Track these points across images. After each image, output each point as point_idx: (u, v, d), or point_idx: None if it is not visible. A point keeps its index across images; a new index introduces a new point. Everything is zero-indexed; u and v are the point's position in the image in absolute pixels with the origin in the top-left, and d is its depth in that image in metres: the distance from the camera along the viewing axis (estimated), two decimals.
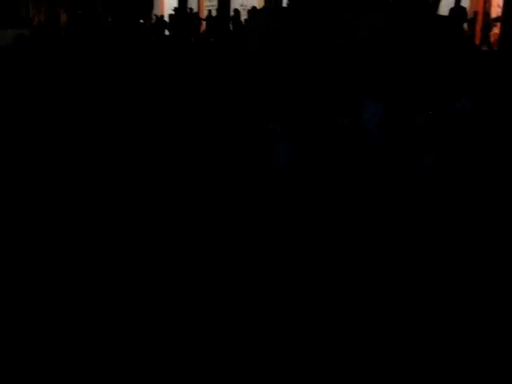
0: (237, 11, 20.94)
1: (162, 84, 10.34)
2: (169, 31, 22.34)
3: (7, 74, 16.03)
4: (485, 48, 18.43)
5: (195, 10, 25.67)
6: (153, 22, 22.94)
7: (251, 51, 13.45)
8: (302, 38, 11.14)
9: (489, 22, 19.93)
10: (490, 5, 21.02)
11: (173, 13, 23.25)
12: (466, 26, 18.12)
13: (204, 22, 23.42)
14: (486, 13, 20.71)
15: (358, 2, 11.47)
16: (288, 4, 16.27)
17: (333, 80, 8.70)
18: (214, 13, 23.34)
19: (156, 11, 24.03)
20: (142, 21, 21.79)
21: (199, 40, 21.44)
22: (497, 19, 18.76)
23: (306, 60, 9.98)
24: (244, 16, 19.85)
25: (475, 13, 20.16)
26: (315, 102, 7.74)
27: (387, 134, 6.54)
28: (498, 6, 19.73)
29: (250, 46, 14.27)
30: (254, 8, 19.33)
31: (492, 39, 19.27)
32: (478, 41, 19.42)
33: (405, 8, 10.85)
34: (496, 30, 18.70)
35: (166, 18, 22.75)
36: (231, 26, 21.29)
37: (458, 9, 17.61)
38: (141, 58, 14.52)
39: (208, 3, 27.39)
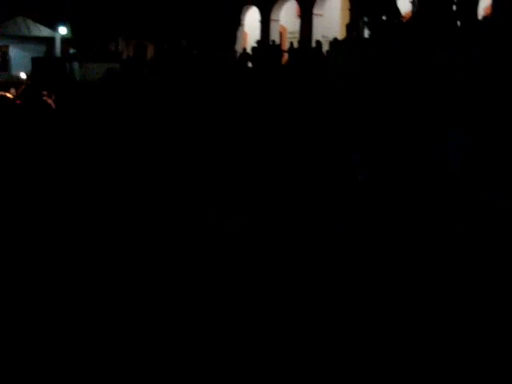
0: (318, 43, 20.95)
1: (247, 114, 10.50)
2: (252, 63, 22.69)
3: (99, 104, 16.79)
4: None
5: (277, 42, 26.01)
6: (236, 55, 23.33)
7: (333, 82, 13.45)
8: (384, 69, 11.05)
9: None
10: None
11: (256, 45, 23.63)
12: None
13: (286, 54, 23.64)
14: None
15: (441, 37, 11.29)
16: (370, 35, 16.20)
17: (414, 109, 8.58)
18: (295, 44, 23.51)
19: (239, 44, 24.42)
20: (225, 54, 22.19)
21: (281, 71, 21.56)
22: None
23: (388, 90, 9.88)
24: (326, 47, 19.85)
25: None
26: (397, 132, 7.67)
27: (472, 162, 6.49)
28: None
29: (332, 76, 14.28)
30: (335, 39, 19.30)
31: None
32: None
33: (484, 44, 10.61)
34: None
35: (249, 51, 23.18)
36: (313, 58, 21.34)
37: None
38: (225, 89, 14.77)
39: (290, 35, 27.59)
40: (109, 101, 20.15)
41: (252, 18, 26.54)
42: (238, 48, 24.03)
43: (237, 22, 24.18)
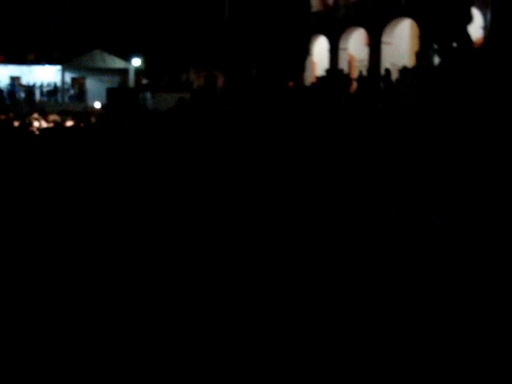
0: (387, 71, 20.89)
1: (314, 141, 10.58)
2: (321, 92, 22.81)
3: (172, 132, 17.31)
4: None
5: (346, 70, 26.12)
6: (305, 83, 23.54)
7: (403, 110, 13.32)
8: (455, 97, 10.86)
9: None
10: None
11: (324, 74, 23.75)
12: None
13: (355, 82, 23.68)
14: None
15: None
16: (440, 63, 16.00)
17: (489, 141, 8.36)
18: (364, 72, 23.53)
19: (308, 73, 24.60)
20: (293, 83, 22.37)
21: (350, 100, 21.57)
22: None
23: (460, 119, 9.70)
24: (395, 75, 19.76)
25: None
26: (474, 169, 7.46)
27: None
28: None
29: (402, 104, 14.15)
30: (404, 68, 19.18)
31: None
32: None
33: None
34: None
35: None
36: (382, 86, 21.25)
37: None
38: (294, 118, 14.87)
39: (358, 63, 27.72)
40: (179, 129, 20.60)
41: (320, 47, 26.91)
42: (307, 77, 24.22)
43: (305, 51, 24.29)
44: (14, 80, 35.46)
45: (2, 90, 33.81)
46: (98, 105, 31.31)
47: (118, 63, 34.68)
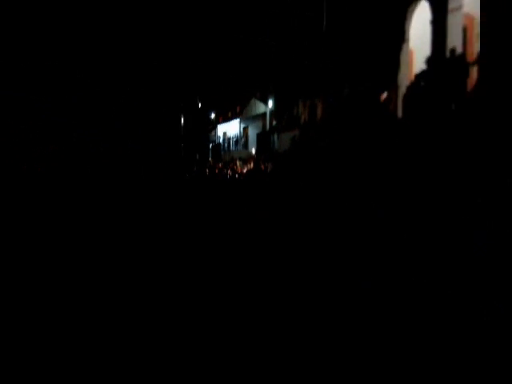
0: None
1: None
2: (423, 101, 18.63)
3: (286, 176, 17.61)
4: None
5: (460, 47, 20.81)
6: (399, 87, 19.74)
7: None
8: None
9: None
10: None
11: (424, 69, 19.37)
12: None
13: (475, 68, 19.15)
14: None
15: None
16: None
17: None
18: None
19: (403, 72, 20.28)
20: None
21: (469, 106, 16.18)
22: None
23: None
24: None
25: None
26: None
27: None
28: None
29: None
30: None
31: None
32: None
33: None
34: None
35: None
36: None
37: None
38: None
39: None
40: (291, 172, 19.57)
41: (420, 23, 20.84)
42: (403, 75, 20.03)
43: (400, 39, 20.11)
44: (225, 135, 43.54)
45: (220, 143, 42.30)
46: (253, 150, 32.72)
47: (261, 108, 35.39)
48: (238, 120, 40.54)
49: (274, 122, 30.80)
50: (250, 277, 6.18)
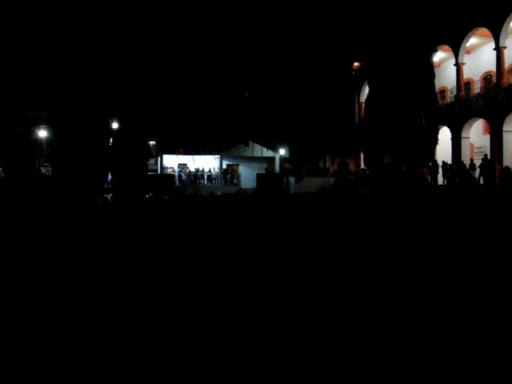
0: None
1: None
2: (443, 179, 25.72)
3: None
4: None
5: (468, 156, 29.10)
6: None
7: None
8: None
9: None
10: None
11: (444, 162, 26.93)
12: None
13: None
14: None
15: None
16: None
17: None
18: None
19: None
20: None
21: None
22: None
23: None
24: None
25: None
26: None
27: None
28: None
29: None
30: None
31: None
32: None
33: None
34: None
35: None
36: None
37: None
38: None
39: (476, 150, 30.54)
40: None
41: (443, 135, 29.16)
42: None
43: (435, 141, 24.77)
44: (182, 167, 41.71)
45: (174, 175, 39.46)
46: (246, 187, 35.99)
47: (265, 152, 40.08)
48: (213, 156, 41.47)
49: (288, 166, 36.15)
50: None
